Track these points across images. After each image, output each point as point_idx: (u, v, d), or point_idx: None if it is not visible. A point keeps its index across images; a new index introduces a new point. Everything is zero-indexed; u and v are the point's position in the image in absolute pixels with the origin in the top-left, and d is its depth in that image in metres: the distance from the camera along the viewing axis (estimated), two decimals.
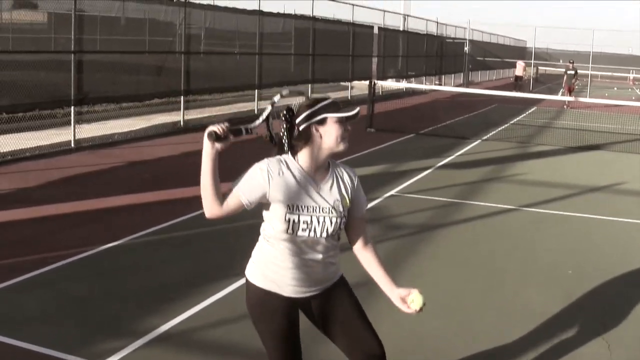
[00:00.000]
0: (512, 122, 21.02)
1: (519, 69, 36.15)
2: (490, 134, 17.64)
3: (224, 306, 5.51)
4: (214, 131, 2.91)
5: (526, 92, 28.71)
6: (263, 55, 19.23)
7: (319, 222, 3.06)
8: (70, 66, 12.47)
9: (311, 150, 3.07)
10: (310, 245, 3.09)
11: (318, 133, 3.05)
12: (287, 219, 3.02)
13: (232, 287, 5.87)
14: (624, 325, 5.52)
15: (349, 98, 25.32)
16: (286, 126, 3.04)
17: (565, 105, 26.56)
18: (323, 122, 3.04)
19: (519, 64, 36.72)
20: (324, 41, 22.81)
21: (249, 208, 3.05)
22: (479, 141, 16.13)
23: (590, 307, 5.97)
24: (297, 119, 3.04)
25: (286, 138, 3.05)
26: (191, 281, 6.05)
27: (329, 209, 3.08)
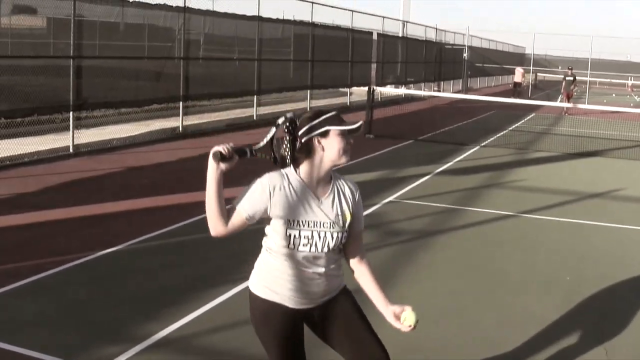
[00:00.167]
0: (511, 128, 21.04)
1: (518, 75, 36.22)
2: (489, 140, 17.65)
3: (223, 312, 5.51)
4: (219, 151, 2.91)
5: (525, 99, 28.73)
6: (262, 61, 19.25)
7: (320, 237, 3.06)
8: (69, 71, 12.47)
9: (313, 163, 3.07)
10: (312, 259, 3.09)
11: (320, 145, 3.04)
12: (287, 234, 3.03)
13: (232, 293, 5.86)
14: (622, 332, 5.52)
15: (347, 104, 25.36)
16: (289, 138, 3.04)
17: (564, 112, 26.60)
18: (325, 134, 3.04)
19: (518, 70, 36.80)
20: (323, 47, 22.83)
21: (251, 222, 3.05)
22: (477, 147, 16.15)
23: (589, 313, 5.97)
24: (300, 131, 3.04)
25: (289, 150, 3.05)
26: (190, 286, 6.05)
27: (330, 223, 3.08)
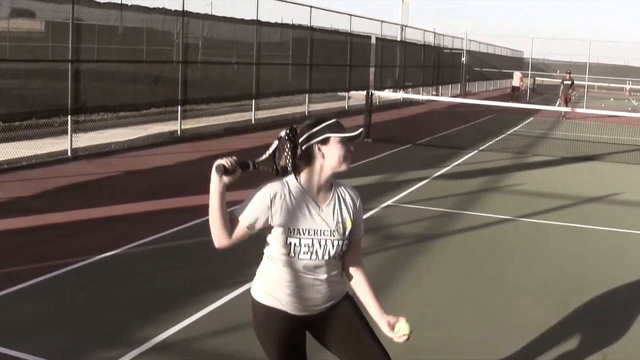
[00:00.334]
0: (509, 132, 21.06)
1: (516, 79, 36.23)
2: (487, 144, 17.66)
3: (222, 315, 5.50)
4: (222, 165, 2.91)
5: (523, 103, 28.77)
6: (260, 65, 19.26)
7: (320, 245, 3.06)
8: (67, 75, 12.47)
9: (314, 170, 3.07)
10: (312, 267, 3.09)
11: (320, 153, 3.04)
12: (288, 242, 3.03)
13: (231, 296, 5.86)
14: (621, 336, 5.51)
15: (346, 108, 25.37)
16: (290, 146, 3.04)
17: (562, 117, 26.62)
18: (326, 141, 3.04)
19: (516, 74, 36.81)
20: (322, 51, 22.86)
21: (252, 232, 3.05)
22: (475, 151, 16.15)
23: (587, 317, 5.97)
24: (300, 138, 3.05)
25: (290, 158, 3.05)
26: (189, 290, 6.04)
27: (330, 231, 3.08)
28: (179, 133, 15.89)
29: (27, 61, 13.23)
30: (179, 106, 15.95)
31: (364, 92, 18.66)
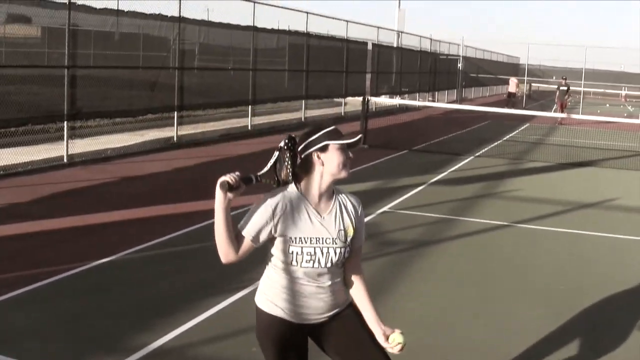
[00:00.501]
0: (505, 138, 21.09)
1: (512, 85, 36.29)
2: (483, 150, 17.68)
3: (219, 321, 5.49)
4: (226, 181, 2.91)
5: (519, 109, 28.82)
6: (257, 71, 19.27)
7: (322, 253, 3.06)
8: (63, 81, 12.46)
9: (314, 178, 3.07)
10: (315, 275, 3.09)
11: (320, 160, 3.04)
12: (290, 251, 3.03)
13: (227, 303, 5.85)
14: (615, 341, 5.51)
15: (342, 114, 25.39)
16: (289, 155, 3.04)
17: (558, 123, 26.67)
18: (325, 149, 3.04)
19: (512, 80, 36.87)
20: (318, 57, 22.88)
21: (258, 245, 3.06)
22: (472, 157, 16.17)
23: (583, 322, 5.97)
24: (299, 146, 3.05)
25: (290, 167, 3.05)
26: (185, 296, 6.03)
27: (332, 239, 3.08)
28: (175, 139, 15.89)
29: (23, 67, 13.21)
30: (175, 112, 15.94)
31: (361, 98, 18.68)
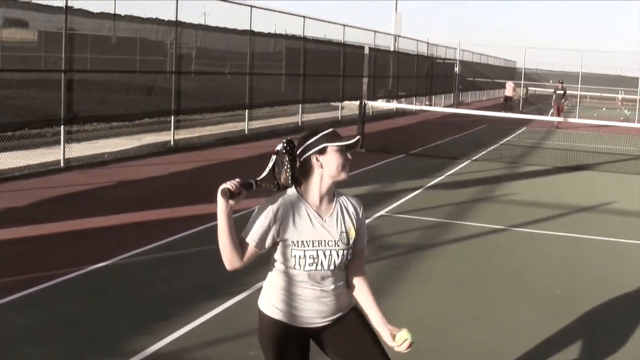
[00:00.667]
0: (502, 142, 21.12)
1: (509, 89, 36.32)
2: (480, 154, 17.70)
3: (216, 325, 5.49)
4: (227, 189, 2.92)
5: (516, 113, 28.85)
6: (254, 75, 19.29)
7: (325, 256, 3.06)
8: (60, 85, 12.46)
9: (314, 181, 3.08)
10: (319, 278, 3.09)
11: (319, 163, 3.05)
12: (292, 255, 3.03)
13: (225, 306, 5.85)
14: (613, 345, 5.52)
15: (339, 118, 25.40)
16: (288, 159, 3.05)
17: (555, 127, 26.70)
18: (323, 151, 3.04)
19: (509, 84, 36.91)
20: (315, 61, 22.89)
21: (262, 251, 3.05)
22: (468, 161, 16.19)
23: (579, 326, 5.98)
24: (298, 150, 3.06)
25: (289, 171, 3.06)
26: (183, 300, 6.03)
27: (334, 242, 3.08)
28: (172, 143, 15.88)
29: (20, 71, 13.20)
30: (172, 116, 15.94)
31: (357, 102, 18.69)
